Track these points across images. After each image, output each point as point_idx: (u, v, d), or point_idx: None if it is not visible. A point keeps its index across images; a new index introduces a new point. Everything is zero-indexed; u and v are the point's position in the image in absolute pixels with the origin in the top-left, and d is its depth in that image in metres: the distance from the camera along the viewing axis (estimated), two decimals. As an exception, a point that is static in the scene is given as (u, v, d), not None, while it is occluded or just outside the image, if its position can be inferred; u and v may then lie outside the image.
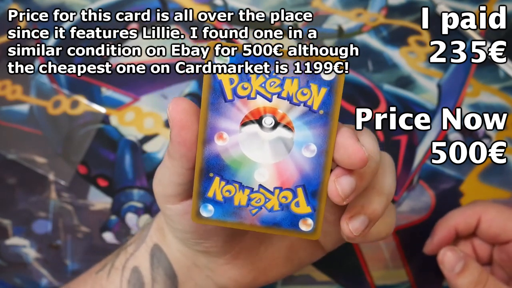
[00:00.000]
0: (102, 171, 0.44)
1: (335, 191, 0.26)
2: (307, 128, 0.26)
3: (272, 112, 0.26)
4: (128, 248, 0.35)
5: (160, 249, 0.33)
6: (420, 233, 0.43)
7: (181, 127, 0.26)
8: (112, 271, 0.34)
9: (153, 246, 0.33)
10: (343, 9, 0.45)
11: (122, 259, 0.34)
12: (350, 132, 0.26)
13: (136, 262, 0.34)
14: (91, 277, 0.35)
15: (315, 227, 0.27)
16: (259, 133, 0.26)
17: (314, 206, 0.26)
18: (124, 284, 0.33)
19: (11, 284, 0.44)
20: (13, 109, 0.44)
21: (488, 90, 0.44)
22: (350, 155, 0.25)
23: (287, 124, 0.26)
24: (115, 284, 0.34)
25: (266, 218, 0.27)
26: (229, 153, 0.26)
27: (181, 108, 0.26)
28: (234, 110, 0.26)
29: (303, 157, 0.26)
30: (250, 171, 0.26)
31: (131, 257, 0.34)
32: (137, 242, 0.34)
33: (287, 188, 0.26)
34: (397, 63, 0.44)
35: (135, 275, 0.33)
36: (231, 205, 0.27)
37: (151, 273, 0.33)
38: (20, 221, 0.44)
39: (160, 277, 0.33)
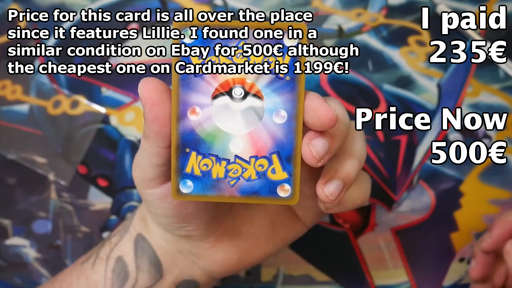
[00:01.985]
0: (102, 171, 0.44)
1: (309, 153, 0.26)
2: (276, 95, 0.26)
3: (241, 83, 0.26)
4: (112, 239, 0.35)
5: (143, 238, 0.34)
6: (420, 233, 0.43)
7: (152, 104, 0.26)
8: (97, 261, 0.34)
9: (137, 235, 0.34)
10: (343, 9, 0.45)
11: (107, 250, 0.35)
12: (318, 95, 0.27)
13: (120, 252, 0.34)
14: (77, 268, 0.35)
15: (292, 192, 0.27)
16: (230, 104, 0.26)
17: (290, 171, 0.27)
18: (109, 273, 0.34)
19: (11, 284, 0.44)
20: (13, 109, 0.44)
21: (488, 90, 0.44)
22: (320, 116, 0.26)
23: (256, 93, 0.26)
24: (99, 274, 0.34)
25: (244, 188, 0.27)
26: (203, 127, 0.27)
27: (152, 87, 0.26)
28: (204, 84, 0.26)
29: (275, 123, 0.27)
30: (225, 143, 0.27)
31: (115, 247, 0.34)
32: (121, 232, 0.35)
33: (262, 156, 0.27)
34: (397, 63, 0.44)
35: (119, 264, 0.34)
36: (209, 179, 0.27)
37: (135, 262, 0.33)
38: (20, 221, 0.44)
39: (145, 265, 0.33)
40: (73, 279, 0.35)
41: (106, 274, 0.34)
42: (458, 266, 0.44)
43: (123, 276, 0.33)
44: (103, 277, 0.34)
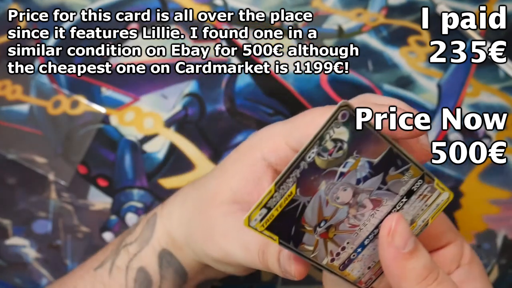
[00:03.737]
0: (102, 171, 0.44)
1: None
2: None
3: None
4: (130, 248, 0.34)
5: (170, 253, 0.33)
6: (420, 233, 0.43)
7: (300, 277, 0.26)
8: (114, 270, 0.34)
9: (162, 250, 0.33)
10: (343, 9, 0.45)
11: (125, 259, 0.34)
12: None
13: (142, 263, 0.34)
14: (89, 274, 0.35)
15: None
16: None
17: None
18: (130, 282, 0.33)
19: (11, 284, 0.44)
20: (13, 109, 0.44)
21: (488, 90, 0.44)
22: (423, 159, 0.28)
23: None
24: (119, 283, 0.34)
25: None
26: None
27: (303, 272, 0.26)
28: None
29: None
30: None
31: (135, 258, 0.34)
32: (139, 242, 0.34)
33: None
34: (397, 63, 0.44)
35: (141, 274, 0.33)
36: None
37: (159, 273, 0.33)
38: (20, 221, 0.44)
39: (170, 275, 0.33)
40: (87, 285, 0.35)
41: (128, 284, 0.33)
42: (458, 266, 0.44)
43: (146, 285, 0.33)
44: (124, 285, 0.33)
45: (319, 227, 0.25)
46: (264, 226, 0.23)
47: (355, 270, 0.27)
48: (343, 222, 0.25)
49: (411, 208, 0.27)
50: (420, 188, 0.27)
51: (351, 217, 0.25)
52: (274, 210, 0.23)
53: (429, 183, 0.27)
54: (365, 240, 0.27)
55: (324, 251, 0.26)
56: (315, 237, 0.25)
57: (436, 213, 0.28)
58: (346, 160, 0.24)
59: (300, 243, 0.25)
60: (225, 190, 0.30)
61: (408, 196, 0.26)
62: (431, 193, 0.27)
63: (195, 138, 0.44)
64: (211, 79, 0.44)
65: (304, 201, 0.24)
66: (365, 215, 0.26)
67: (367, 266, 0.27)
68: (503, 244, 0.44)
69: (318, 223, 0.25)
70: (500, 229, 0.44)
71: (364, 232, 0.26)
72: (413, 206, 0.27)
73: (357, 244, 0.26)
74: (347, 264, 0.27)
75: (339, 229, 0.25)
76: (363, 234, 0.26)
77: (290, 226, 0.24)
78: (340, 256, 0.26)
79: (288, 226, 0.24)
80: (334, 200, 0.25)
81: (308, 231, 0.25)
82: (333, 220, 0.25)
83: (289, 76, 0.44)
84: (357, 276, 0.27)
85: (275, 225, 0.24)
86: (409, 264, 0.25)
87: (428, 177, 0.27)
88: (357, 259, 0.27)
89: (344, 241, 0.26)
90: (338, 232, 0.25)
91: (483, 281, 0.30)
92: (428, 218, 0.28)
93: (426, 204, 0.27)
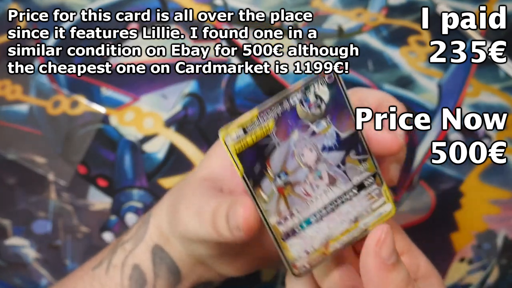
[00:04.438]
0: (102, 171, 0.44)
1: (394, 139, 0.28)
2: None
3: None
4: (126, 246, 0.35)
5: (162, 249, 0.34)
6: (420, 233, 0.43)
7: (248, 235, 0.27)
8: (111, 268, 0.34)
9: (154, 246, 0.34)
10: (343, 9, 0.45)
11: (121, 256, 0.34)
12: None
13: (136, 259, 0.34)
14: (88, 274, 0.35)
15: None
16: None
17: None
18: (126, 280, 0.34)
19: (11, 284, 0.44)
20: (13, 109, 0.44)
21: (488, 90, 0.44)
22: (387, 147, 0.28)
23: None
24: (115, 281, 0.34)
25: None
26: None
27: (252, 221, 0.27)
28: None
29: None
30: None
31: (130, 255, 0.34)
32: (134, 240, 0.35)
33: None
34: (397, 63, 0.44)
35: (136, 272, 0.34)
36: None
37: (153, 270, 0.33)
38: (20, 221, 0.44)
39: (163, 273, 0.33)
40: (86, 285, 0.35)
41: (123, 282, 0.34)
42: (458, 266, 0.44)
43: (141, 283, 0.33)
44: (120, 284, 0.34)
45: (279, 177, 0.27)
46: (236, 149, 0.26)
47: (294, 247, 0.28)
48: (300, 185, 0.27)
49: (358, 204, 0.28)
50: (370, 186, 0.28)
51: (307, 184, 0.27)
52: (249, 137, 0.26)
53: (378, 185, 0.28)
54: (312, 215, 0.27)
55: (275, 207, 0.27)
56: (272, 186, 0.27)
57: (377, 223, 0.29)
58: (320, 119, 0.27)
59: (258, 185, 0.26)
60: (204, 168, 0.32)
61: (359, 189, 0.28)
62: (378, 197, 0.28)
63: (195, 138, 0.44)
64: (211, 79, 0.44)
65: (275, 143, 0.26)
66: (319, 187, 0.27)
67: (305, 249, 0.28)
68: (503, 244, 0.44)
69: (280, 171, 0.27)
70: (500, 229, 0.44)
71: (314, 206, 0.27)
72: (360, 203, 0.28)
73: (305, 217, 0.27)
74: (289, 235, 0.27)
75: (295, 191, 0.27)
76: (312, 208, 0.27)
77: (256, 163, 0.26)
78: (287, 223, 0.27)
79: (254, 162, 0.26)
80: (299, 155, 0.27)
81: (268, 176, 0.27)
82: (293, 177, 0.27)
83: (289, 76, 0.44)
84: (294, 256, 0.28)
85: (244, 155, 0.26)
86: (391, 276, 0.26)
87: (378, 178, 0.28)
88: (300, 236, 0.28)
89: (295, 205, 0.27)
90: (293, 193, 0.27)
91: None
92: (369, 224, 0.28)
93: (371, 208, 0.28)
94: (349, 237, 0.28)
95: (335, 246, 0.28)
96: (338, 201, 0.28)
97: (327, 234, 0.28)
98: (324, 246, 0.28)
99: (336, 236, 0.28)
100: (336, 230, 0.28)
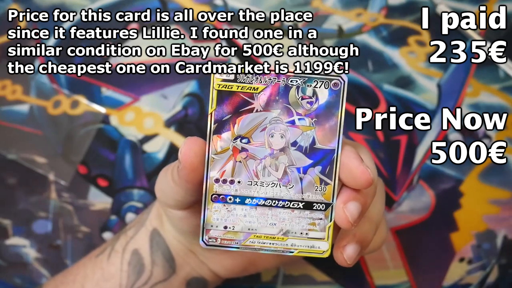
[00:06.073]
0: (102, 171, 0.44)
1: (344, 218, 0.26)
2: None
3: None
4: (128, 232, 0.36)
5: (159, 233, 0.34)
6: (420, 233, 0.43)
7: (191, 169, 0.26)
8: (112, 253, 0.35)
9: (152, 230, 0.34)
10: (343, 9, 0.45)
11: (123, 242, 0.35)
12: (354, 152, 0.26)
13: (136, 245, 0.35)
14: (91, 261, 0.36)
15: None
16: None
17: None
18: (125, 265, 0.34)
19: (11, 284, 0.44)
20: (13, 109, 0.45)
21: (488, 90, 0.44)
22: (356, 178, 0.26)
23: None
24: (115, 266, 0.34)
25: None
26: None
27: (193, 153, 0.26)
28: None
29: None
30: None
31: (131, 240, 0.35)
32: (137, 226, 0.35)
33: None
34: (397, 63, 0.44)
35: (135, 257, 0.34)
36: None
37: (150, 256, 0.34)
38: (20, 221, 0.44)
39: (159, 260, 0.34)
40: (88, 272, 0.35)
41: (122, 267, 0.34)
42: (458, 266, 0.44)
43: (138, 269, 0.34)
44: (119, 269, 0.34)
45: (240, 139, 0.26)
46: (218, 85, 0.26)
47: (217, 214, 0.27)
48: (254, 162, 0.26)
49: (297, 221, 0.27)
50: (317, 213, 0.27)
51: (261, 166, 0.26)
52: (236, 85, 0.26)
53: (326, 217, 0.27)
54: (249, 198, 0.27)
55: (221, 165, 0.26)
56: (230, 143, 0.26)
57: (305, 252, 0.27)
58: (306, 116, 0.26)
59: (219, 132, 0.26)
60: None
61: (305, 207, 0.27)
62: (319, 229, 0.27)
63: (195, 138, 0.44)
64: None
65: (255, 107, 0.26)
66: (270, 177, 0.26)
67: (226, 224, 0.27)
68: (503, 244, 0.44)
69: (244, 134, 0.26)
70: (500, 229, 0.44)
71: (255, 191, 0.27)
72: (299, 221, 0.27)
73: (241, 194, 0.27)
74: (219, 200, 0.27)
75: (247, 164, 0.26)
76: (253, 191, 0.26)
77: (228, 111, 0.26)
78: (224, 186, 0.26)
79: (227, 109, 0.26)
80: (268, 133, 0.26)
81: (232, 132, 0.26)
82: (252, 149, 0.26)
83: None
84: (213, 221, 0.27)
85: (223, 97, 0.26)
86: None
87: (329, 212, 0.27)
88: (228, 208, 0.27)
89: (240, 176, 0.26)
90: (244, 164, 0.26)
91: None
92: (296, 249, 0.27)
93: (307, 234, 0.27)
94: (271, 244, 0.27)
95: (253, 242, 0.27)
96: (279, 203, 0.27)
97: (253, 226, 0.27)
98: (243, 233, 0.27)
99: (260, 234, 0.27)
100: (262, 229, 0.27)
